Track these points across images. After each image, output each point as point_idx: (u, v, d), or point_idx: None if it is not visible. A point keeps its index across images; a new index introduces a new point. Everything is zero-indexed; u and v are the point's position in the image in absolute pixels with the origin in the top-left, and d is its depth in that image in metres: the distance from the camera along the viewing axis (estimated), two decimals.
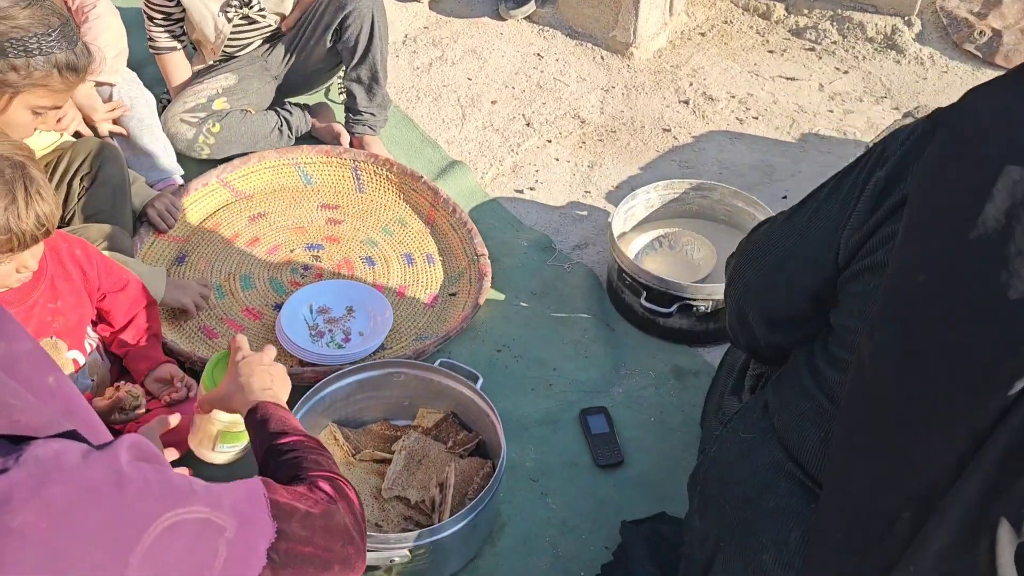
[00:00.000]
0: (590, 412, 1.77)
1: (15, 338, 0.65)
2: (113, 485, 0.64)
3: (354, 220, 2.17)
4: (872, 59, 2.93)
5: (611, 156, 2.51)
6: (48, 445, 0.63)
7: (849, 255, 1.06)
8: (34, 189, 1.21)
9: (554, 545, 1.57)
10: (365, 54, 2.23)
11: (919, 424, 0.95)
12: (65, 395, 0.68)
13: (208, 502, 0.73)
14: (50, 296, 1.39)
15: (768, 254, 1.24)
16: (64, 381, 0.69)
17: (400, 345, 1.88)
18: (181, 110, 2.20)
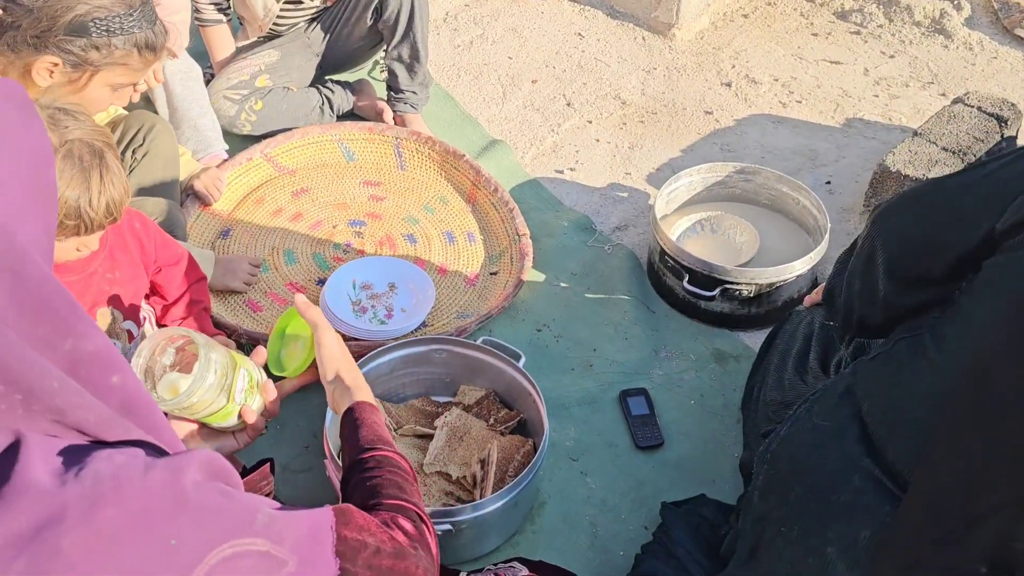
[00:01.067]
0: (630, 393, 1.78)
1: (85, 336, 0.62)
2: (171, 510, 0.61)
3: (396, 197, 2.18)
4: (919, 44, 2.88)
5: (652, 138, 2.49)
6: (111, 459, 0.60)
7: (1012, 225, 1.01)
8: (109, 178, 1.23)
9: (593, 524, 1.58)
10: (406, 33, 2.23)
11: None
12: (130, 394, 0.65)
13: (270, 535, 0.69)
14: (109, 267, 1.41)
15: (924, 201, 1.18)
16: (130, 379, 0.66)
17: (441, 322, 1.89)
18: (224, 86, 2.22)
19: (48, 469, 0.58)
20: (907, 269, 1.17)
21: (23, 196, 0.63)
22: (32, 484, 0.56)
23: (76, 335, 0.61)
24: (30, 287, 0.59)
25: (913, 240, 1.16)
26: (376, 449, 1.05)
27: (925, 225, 1.15)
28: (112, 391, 0.64)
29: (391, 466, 1.03)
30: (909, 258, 1.16)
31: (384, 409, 1.65)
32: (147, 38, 1.44)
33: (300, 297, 1.24)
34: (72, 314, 0.61)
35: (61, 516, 0.56)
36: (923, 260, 1.14)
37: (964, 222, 1.07)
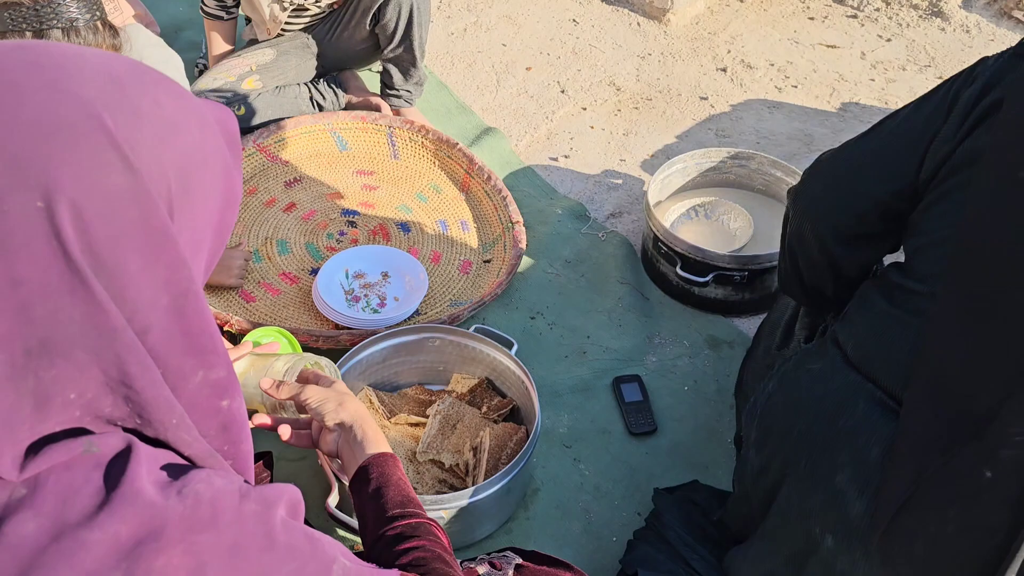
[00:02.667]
0: (624, 380, 1.78)
1: (214, 367, 0.63)
2: (259, 549, 0.61)
3: (389, 186, 2.18)
4: (916, 27, 2.86)
5: (647, 124, 2.48)
6: (211, 481, 0.61)
7: (934, 167, 1.07)
8: None
9: (587, 510, 1.58)
10: (404, 38, 2.21)
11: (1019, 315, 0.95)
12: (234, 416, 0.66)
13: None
14: None
15: (840, 167, 1.23)
16: (236, 403, 0.66)
17: (435, 311, 1.89)
18: (208, 87, 2.19)
19: (153, 480, 0.58)
20: (840, 230, 1.21)
21: (204, 233, 0.64)
22: (139, 494, 0.57)
23: (207, 367, 0.63)
24: (187, 323, 0.60)
25: (837, 203, 1.22)
26: (410, 516, 0.96)
27: (847, 187, 1.20)
28: (219, 412, 0.65)
29: (429, 535, 0.94)
30: (838, 220, 1.21)
31: (378, 398, 1.65)
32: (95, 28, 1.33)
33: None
34: (211, 349, 0.62)
35: (160, 532, 0.56)
36: (853, 218, 1.19)
37: (888, 175, 1.13)
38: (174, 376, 0.61)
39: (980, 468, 0.96)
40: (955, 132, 1.06)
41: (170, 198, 0.59)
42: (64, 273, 0.54)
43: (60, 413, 0.57)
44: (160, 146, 0.59)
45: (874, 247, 1.21)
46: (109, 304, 0.56)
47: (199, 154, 0.62)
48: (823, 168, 1.27)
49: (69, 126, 0.55)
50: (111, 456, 0.58)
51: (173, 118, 0.61)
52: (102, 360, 0.56)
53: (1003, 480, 0.95)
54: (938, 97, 1.11)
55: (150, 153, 0.58)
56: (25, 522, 0.54)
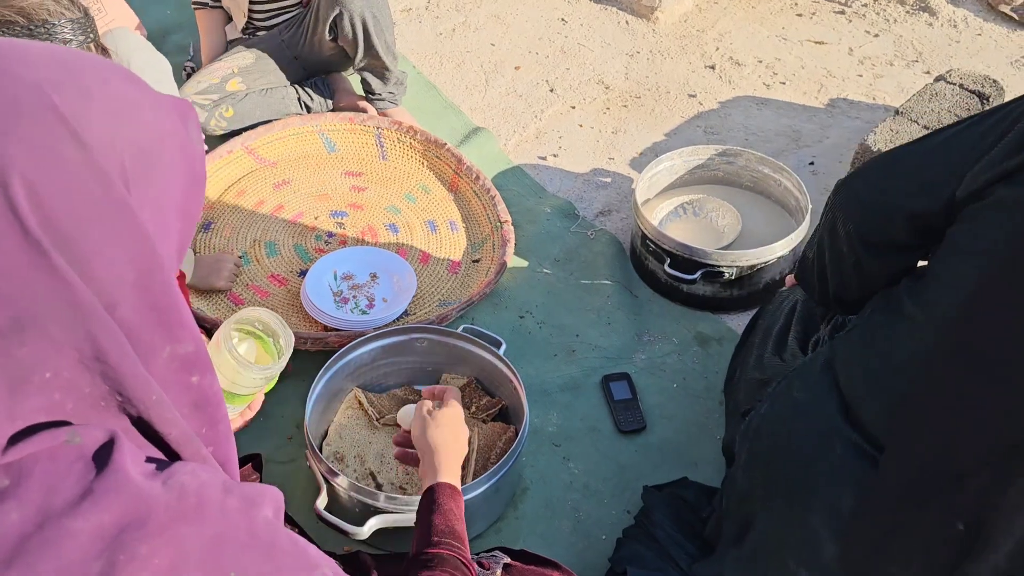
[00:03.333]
0: (612, 378, 1.78)
1: (181, 340, 0.63)
2: (239, 543, 0.61)
3: (378, 187, 2.18)
4: (904, 22, 2.87)
5: (635, 122, 2.49)
6: (196, 474, 0.61)
7: (972, 192, 1.02)
8: None
9: (576, 509, 1.58)
10: (367, 48, 2.19)
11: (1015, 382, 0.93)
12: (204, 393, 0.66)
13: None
14: None
15: (885, 165, 1.20)
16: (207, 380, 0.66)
17: (424, 311, 1.89)
18: (194, 90, 2.19)
19: (139, 470, 0.58)
20: (872, 235, 1.18)
21: (171, 214, 0.65)
22: (124, 483, 0.57)
23: (175, 340, 0.63)
24: (153, 298, 0.61)
25: (872, 207, 1.18)
26: (444, 547, 1.06)
27: (884, 193, 1.16)
28: (189, 389, 0.65)
29: (454, 568, 1.04)
30: (871, 225, 1.18)
31: (367, 399, 1.65)
32: None
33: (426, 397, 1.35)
34: (179, 323, 0.63)
35: (145, 520, 0.56)
36: (885, 227, 1.16)
37: (924, 190, 1.09)
38: (144, 351, 0.61)
39: (953, 521, 0.97)
40: (1004, 158, 0.99)
41: (125, 173, 0.60)
42: (24, 247, 0.54)
43: (39, 395, 0.57)
44: (111, 123, 0.60)
45: (902, 257, 1.17)
46: (74, 277, 0.56)
47: (153, 133, 0.63)
48: (870, 166, 1.22)
49: (16, 105, 0.56)
50: (95, 448, 0.58)
51: (123, 97, 0.62)
52: (74, 335, 0.56)
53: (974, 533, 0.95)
54: (997, 117, 1.04)
55: (101, 129, 0.59)
56: (9, 512, 0.54)
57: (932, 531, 0.99)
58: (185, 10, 2.73)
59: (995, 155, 1.00)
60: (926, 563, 1.00)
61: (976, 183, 1.01)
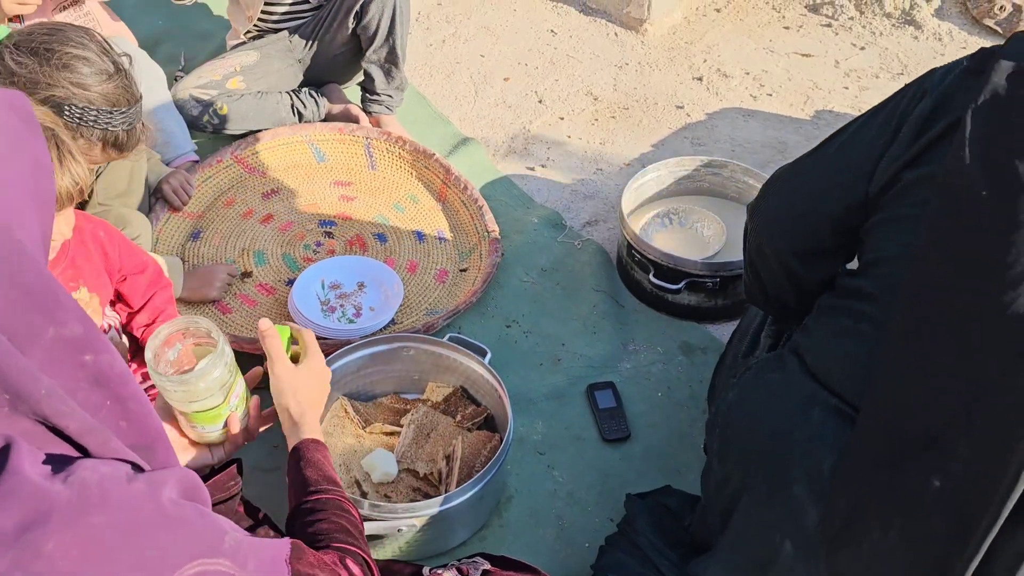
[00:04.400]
0: (597, 387, 1.79)
1: (65, 323, 0.64)
2: (149, 525, 0.63)
3: (366, 197, 2.19)
4: (889, 35, 2.90)
5: (623, 133, 2.51)
6: (96, 469, 0.62)
7: (884, 184, 1.09)
8: (66, 149, 1.23)
9: (560, 517, 1.59)
10: (387, 37, 2.22)
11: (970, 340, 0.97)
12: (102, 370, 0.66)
13: (236, 558, 0.71)
14: (71, 276, 1.42)
15: (791, 181, 1.26)
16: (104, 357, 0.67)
17: (411, 320, 1.90)
18: (194, 84, 2.21)
19: (37, 472, 0.59)
20: (799, 246, 1.24)
21: (24, 201, 0.66)
22: (22, 485, 0.57)
23: (57, 323, 0.63)
24: (23, 280, 0.61)
25: (790, 220, 1.24)
26: (322, 492, 1.06)
27: (798, 206, 1.22)
28: (83, 367, 0.65)
29: (337, 509, 1.04)
30: (795, 238, 1.24)
31: (353, 408, 1.66)
32: (118, 137, 1.42)
33: (264, 322, 1.19)
34: (56, 305, 0.63)
35: (47, 518, 0.57)
36: (809, 236, 1.21)
37: (836, 194, 1.15)
38: (23, 337, 0.61)
39: (929, 478, 0.98)
40: (905, 149, 1.07)
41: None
42: None
43: None
44: None
45: (830, 261, 1.23)
46: None
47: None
48: (778, 185, 1.29)
49: None
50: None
51: None
52: None
53: (951, 490, 0.97)
54: (886, 111, 1.12)
55: None
56: None
57: (909, 491, 1.00)
58: (176, 20, 2.75)
59: (895, 150, 1.08)
60: (905, 526, 1.01)
61: (885, 176, 1.08)
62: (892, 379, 1.04)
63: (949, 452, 0.97)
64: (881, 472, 1.02)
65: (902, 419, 1.02)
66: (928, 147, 1.05)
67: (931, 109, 1.06)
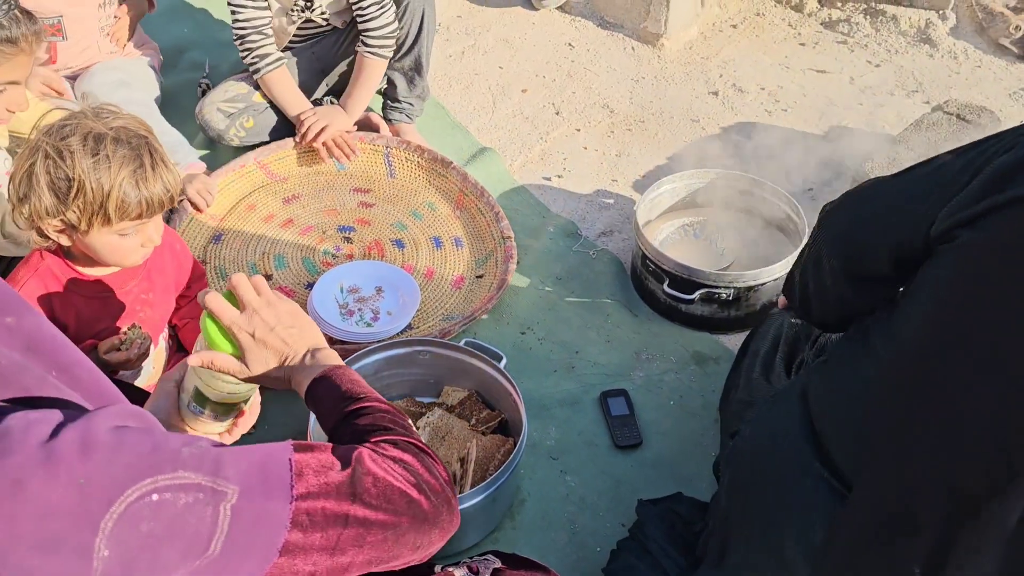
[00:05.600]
0: (610, 394, 1.81)
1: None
2: (77, 453, 0.61)
3: (385, 204, 2.23)
4: (904, 53, 2.92)
5: (639, 145, 2.54)
6: (26, 416, 0.61)
7: (946, 228, 1.03)
8: (158, 157, 1.26)
9: (572, 521, 1.61)
10: (412, 46, 2.27)
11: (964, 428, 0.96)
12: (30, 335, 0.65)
13: (201, 467, 0.68)
14: (145, 287, 1.44)
15: (866, 205, 1.21)
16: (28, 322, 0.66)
17: (427, 325, 1.93)
18: (221, 98, 2.25)
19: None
20: (856, 270, 1.20)
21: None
22: None
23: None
24: None
25: (854, 243, 1.19)
26: (360, 400, 0.94)
27: (865, 228, 1.18)
28: (12, 332, 0.65)
29: (381, 412, 0.93)
30: (854, 260, 1.20)
31: None
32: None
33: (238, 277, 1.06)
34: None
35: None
36: (869, 261, 1.17)
37: (904, 224, 1.10)
38: None
39: (910, 565, 1.00)
40: (975, 200, 0.99)
41: None
42: None
43: None
44: None
45: (884, 288, 1.19)
46: None
47: None
48: (853, 201, 1.24)
49: None
50: None
51: None
52: None
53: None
54: (973, 154, 1.04)
55: None
56: None
57: (893, 573, 1.03)
58: (200, 29, 2.81)
59: (961, 199, 1.00)
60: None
61: (944, 224, 1.02)
62: (885, 458, 1.04)
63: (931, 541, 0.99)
64: (869, 549, 1.04)
65: (892, 499, 1.03)
66: (991, 211, 0.97)
67: (1013, 163, 0.97)
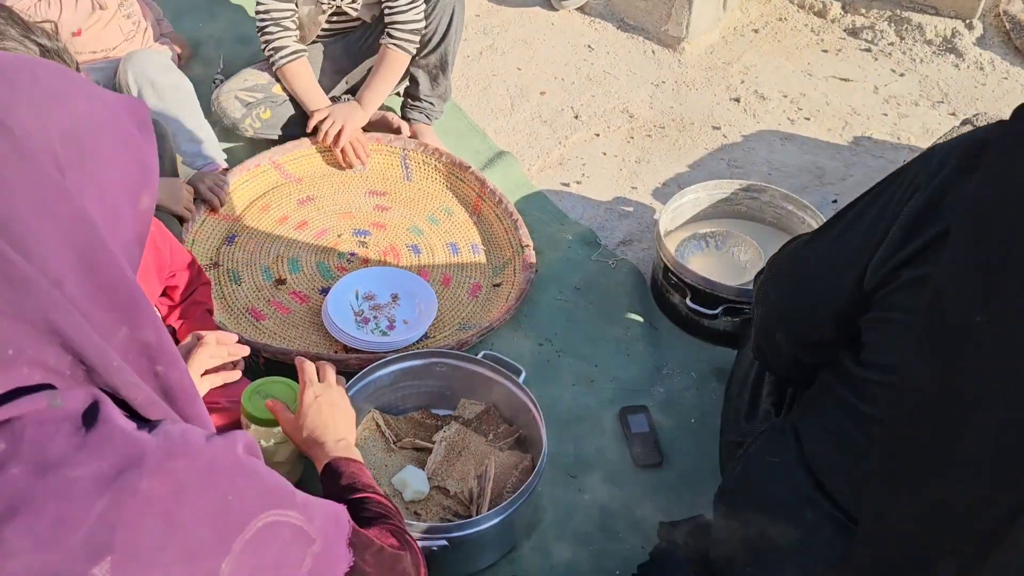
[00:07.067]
0: (631, 411, 1.77)
1: (140, 327, 0.67)
2: (230, 470, 0.67)
3: (401, 208, 2.18)
4: (930, 62, 2.87)
5: (659, 152, 2.49)
6: (176, 424, 0.66)
7: (878, 281, 1.04)
8: None
9: (591, 542, 1.57)
10: (439, 44, 2.22)
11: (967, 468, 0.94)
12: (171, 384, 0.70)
13: (304, 512, 0.75)
14: None
15: (791, 276, 1.23)
16: (175, 372, 0.70)
17: (443, 334, 1.89)
18: (239, 86, 2.21)
19: (126, 424, 0.63)
20: (804, 338, 1.22)
21: (122, 203, 0.68)
22: (115, 432, 0.62)
23: (132, 325, 0.66)
24: (100, 277, 0.64)
25: (795, 319, 1.23)
26: (358, 491, 1.09)
27: (802, 302, 1.20)
28: (156, 377, 0.68)
29: (374, 504, 1.06)
30: (800, 332, 1.22)
31: (384, 422, 1.65)
32: None
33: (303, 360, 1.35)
34: (134, 307, 0.66)
35: (140, 461, 0.61)
36: (813, 331, 1.19)
37: (836, 291, 1.11)
38: (98, 331, 0.64)
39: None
40: (896, 250, 1.01)
41: (58, 158, 0.63)
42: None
43: (7, 370, 0.59)
44: (39, 111, 0.63)
45: (833, 348, 1.19)
46: (11, 253, 0.58)
47: (87, 122, 0.66)
48: (782, 277, 1.27)
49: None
50: (81, 409, 0.62)
51: (54, 89, 0.65)
52: (24, 311, 0.59)
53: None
54: (879, 206, 1.06)
55: (28, 117, 0.62)
56: (8, 468, 0.59)
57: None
58: (216, 22, 2.76)
59: (885, 251, 1.02)
60: None
61: (879, 274, 1.03)
62: (889, 499, 1.02)
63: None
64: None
65: (900, 540, 1.01)
66: (923, 248, 0.98)
67: (922, 207, 0.98)
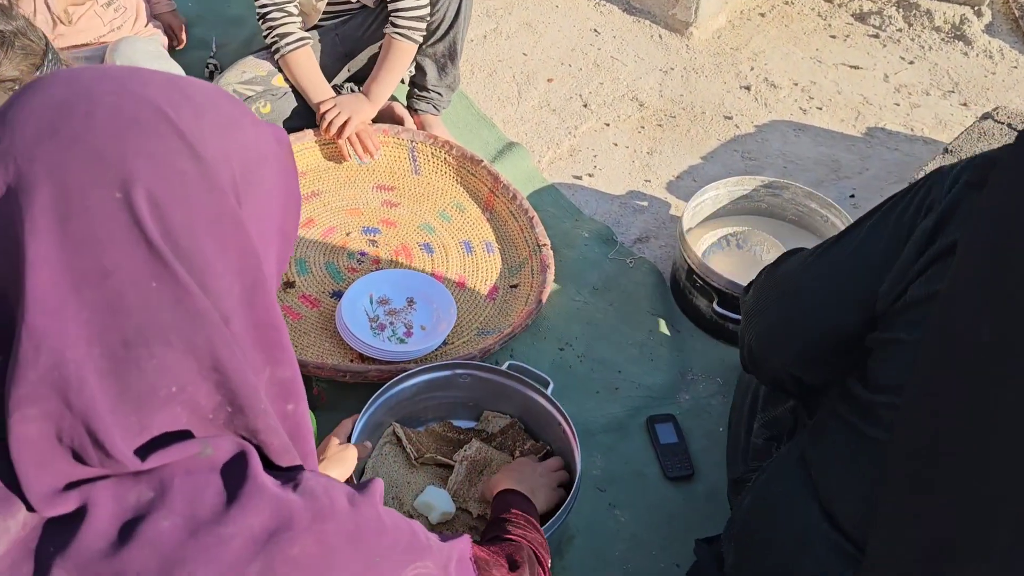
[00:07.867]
0: (658, 420, 1.72)
1: (280, 364, 0.65)
2: (375, 531, 0.66)
3: (410, 203, 2.10)
4: (939, 50, 2.82)
5: (671, 143, 2.42)
6: (316, 479, 0.64)
7: (891, 300, 1.02)
8: None
9: (624, 560, 1.52)
10: (448, 31, 2.12)
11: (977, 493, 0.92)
12: (299, 422, 0.69)
13: (438, 560, 0.74)
14: None
15: (797, 295, 1.17)
16: (301, 409, 0.69)
17: (462, 340, 1.82)
18: (237, 80, 2.10)
19: (269, 481, 0.62)
20: (804, 355, 1.17)
21: (271, 232, 0.67)
22: (262, 492, 0.60)
23: (274, 363, 0.65)
24: (257, 314, 0.63)
25: (792, 345, 1.18)
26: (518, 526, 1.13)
27: (799, 326, 1.16)
28: (286, 418, 0.67)
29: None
30: (797, 355, 1.18)
31: (404, 435, 1.58)
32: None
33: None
34: (278, 345, 0.65)
35: (290, 523, 0.60)
36: (810, 352, 1.15)
37: (839, 315, 1.09)
38: (251, 371, 0.63)
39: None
40: (909, 267, 1.00)
41: (235, 186, 0.62)
42: (148, 259, 0.56)
43: (164, 408, 0.58)
44: (221, 137, 0.62)
45: (839, 367, 1.15)
46: (193, 287, 0.57)
47: (257, 150, 0.66)
48: (776, 298, 1.21)
49: (138, 121, 0.58)
50: (226, 459, 0.61)
51: (230, 114, 0.65)
52: (195, 346, 0.58)
53: None
54: (891, 224, 1.04)
55: (213, 142, 0.61)
56: (159, 520, 0.57)
57: None
58: (207, 4, 2.63)
59: (902, 264, 1.01)
60: None
61: (892, 294, 1.01)
62: (899, 524, 0.99)
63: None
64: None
65: (910, 568, 0.98)
66: (928, 266, 0.97)
67: (934, 226, 0.97)
